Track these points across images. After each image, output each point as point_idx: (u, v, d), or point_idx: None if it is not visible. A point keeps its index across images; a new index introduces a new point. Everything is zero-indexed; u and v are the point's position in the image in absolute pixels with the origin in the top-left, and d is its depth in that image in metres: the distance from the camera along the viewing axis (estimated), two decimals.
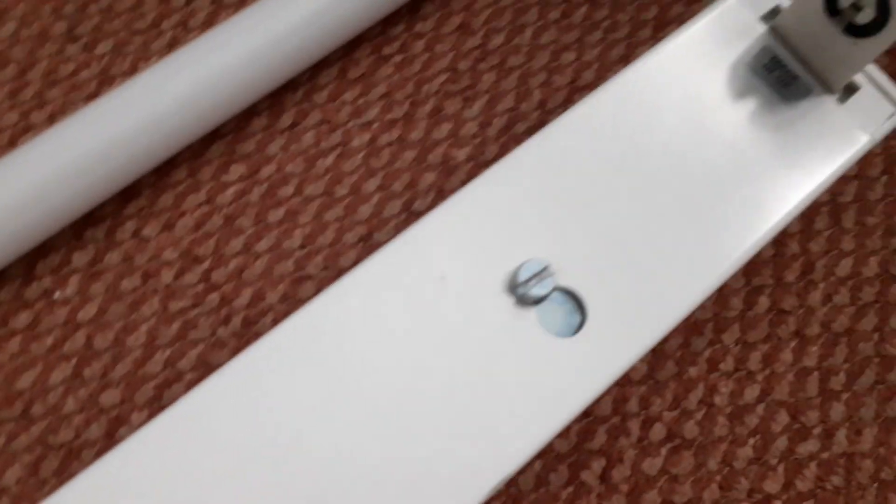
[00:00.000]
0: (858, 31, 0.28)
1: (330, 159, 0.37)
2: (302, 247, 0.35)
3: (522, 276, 0.26)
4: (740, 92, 0.30)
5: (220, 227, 0.35)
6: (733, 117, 0.30)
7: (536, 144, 0.28)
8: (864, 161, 0.39)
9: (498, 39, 0.40)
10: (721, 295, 0.36)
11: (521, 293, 0.26)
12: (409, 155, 0.37)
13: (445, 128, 0.38)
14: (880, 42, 0.28)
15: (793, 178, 0.29)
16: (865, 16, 0.28)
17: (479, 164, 0.37)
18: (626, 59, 0.40)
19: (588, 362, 0.26)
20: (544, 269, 0.26)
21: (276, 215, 0.36)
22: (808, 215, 0.38)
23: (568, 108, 0.29)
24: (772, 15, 0.31)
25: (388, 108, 0.38)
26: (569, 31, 0.41)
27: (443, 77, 0.39)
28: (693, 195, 0.28)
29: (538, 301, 0.26)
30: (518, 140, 0.35)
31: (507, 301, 0.26)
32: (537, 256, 0.26)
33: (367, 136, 0.38)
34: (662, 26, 0.41)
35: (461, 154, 0.38)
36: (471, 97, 0.39)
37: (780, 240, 0.37)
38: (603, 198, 0.28)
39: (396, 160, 0.37)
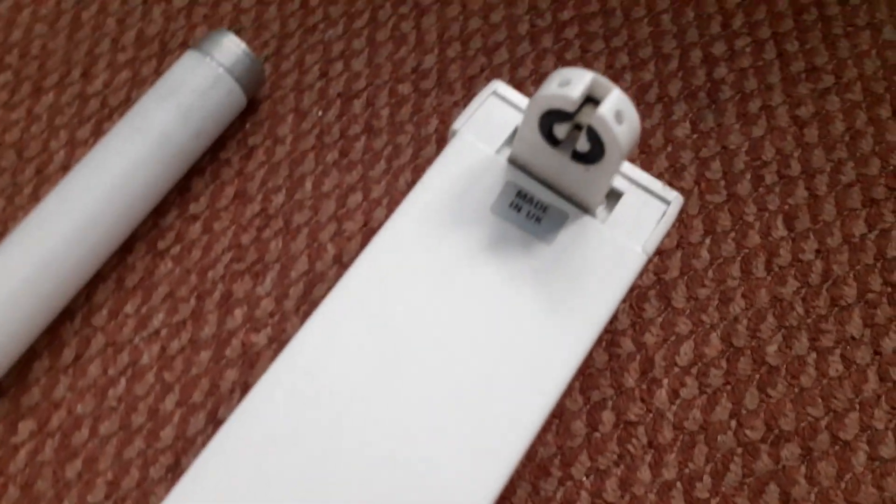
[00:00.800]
0: (585, 158, 0.26)
1: (121, 386, 0.34)
2: (107, 497, 0.32)
3: None
4: (497, 238, 0.28)
5: (18, 500, 0.32)
6: (495, 269, 0.27)
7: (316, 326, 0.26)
8: (683, 226, 0.37)
9: (278, 199, 0.38)
10: (562, 423, 0.33)
11: None
12: (205, 356, 0.35)
13: (239, 314, 0.35)
14: (608, 169, 0.26)
15: (573, 322, 0.27)
16: (582, 147, 0.25)
17: (282, 343, 0.35)
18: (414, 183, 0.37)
19: None
20: None
21: (73, 469, 0.33)
22: (636, 304, 0.35)
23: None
24: (510, 140, 0.29)
25: (174, 308, 0.35)
26: (350, 169, 0.38)
27: (227, 257, 0.36)
28: (476, 362, 0.26)
29: None
30: (317, 303, 0.32)
31: None
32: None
33: (156, 348, 0.35)
34: (445, 139, 0.38)
35: (261, 338, 0.35)
36: (260, 271, 0.36)
37: (613, 340, 0.35)
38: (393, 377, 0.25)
39: (192, 366, 0.34)
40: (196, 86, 0.36)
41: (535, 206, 0.28)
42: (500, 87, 0.30)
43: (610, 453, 0.33)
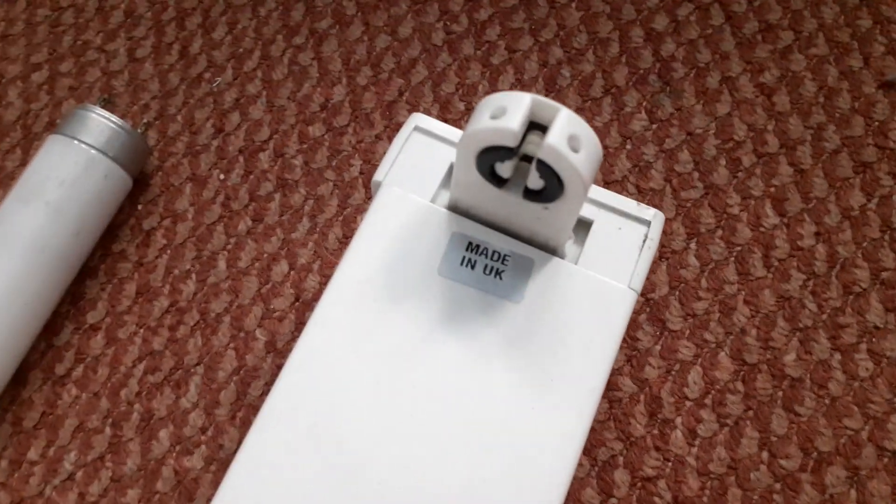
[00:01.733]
0: (541, 196, 0.21)
1: None
2: None
3: None
4: (454, 306, 0.22)
5: None
6: (459, 344, 0.22)
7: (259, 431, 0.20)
8: (662, 232, 0.32)
9: (189, 287, 0.32)
10: (569, 495, 0.28)
11: None
12: (133, 495, 0.28)
13: (164, 436, 0.29)
14: (572, 204, 0.20)
15: (566, 392, 0.21)
16: (535, 183, 0.20)
17: (222, 462, 0.29)
18: (346, 239, 0.32)
19: None
20: None
21: None
22: (628, 335, 0.30)
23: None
24: (445, 180, 0.24)
25: (87, 444, 0.29)
26: (269, 236, 0.32)
27: (139, 369, 0.30)
28: (461, 466, 0.20)
29: None
30: (257, 407, 0.26)
31: None
32: None
33: (73, 497, 0.29)
34: None
35: (196, 460, 0.29)
36: (182, 379, 0.30)
37: (609, 383, 0.30)
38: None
39: None
40: (65, 176, 0.30)
41: (493, 258, 0.23)
42: (420, 119, 0.25)
43: None
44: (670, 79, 0.35)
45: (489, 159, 0.20)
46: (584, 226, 0.24)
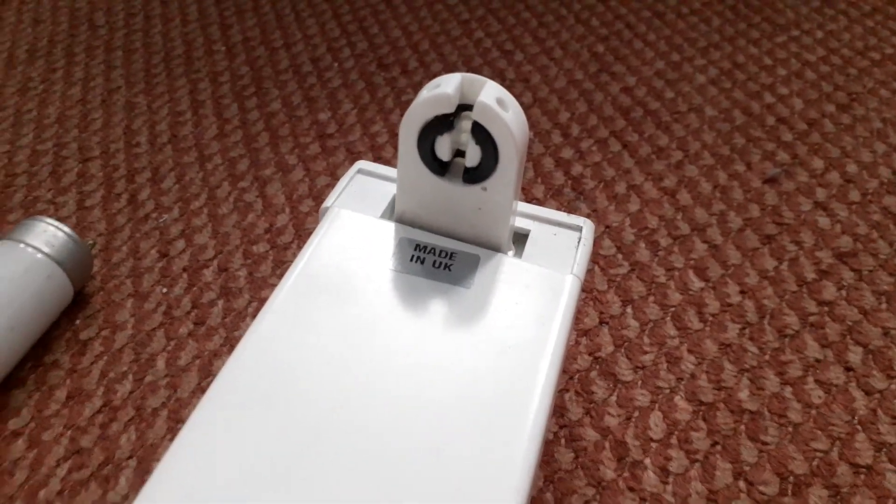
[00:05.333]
0: (477, 175, 0.23)
1: None
2: None
3: None
4: (403, 298, 0.22)
5: None
6: (414, 323, 0.22)
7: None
8: (598, 302, 0.33)
9: (124, 388, 0.30)
10: None
11: None
12: None
13: None
14: (507, 174, 0.22)
15: (520, 366, 0.21)
16: (472, 158, 0.22)
17: None
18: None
19: None
20: None
21: None
22: (583, 390, 0.30)
23: None
24: (391, 208, 0.25)
25: None
26: (210, 336, 0.32)
27: (63, 469, 0.28)
28: (412, 462, 0.19)
29: None
30: None
31: None
32: None
33: None
34: None
35: None
36: (110, 474, 0.27)
37: (571, 434, 0.28)
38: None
39: None
40: (8, 272, 0.30)
41: (440, 255, 0.24)
42: (363, 164, 0.27)
43: None
44: (582, 190, 0.39)
45: (429, 140, 0.22)
46: (521, 238, 0.25)
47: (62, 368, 0.31)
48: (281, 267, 0.35)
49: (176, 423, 0.29)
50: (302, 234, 0.36)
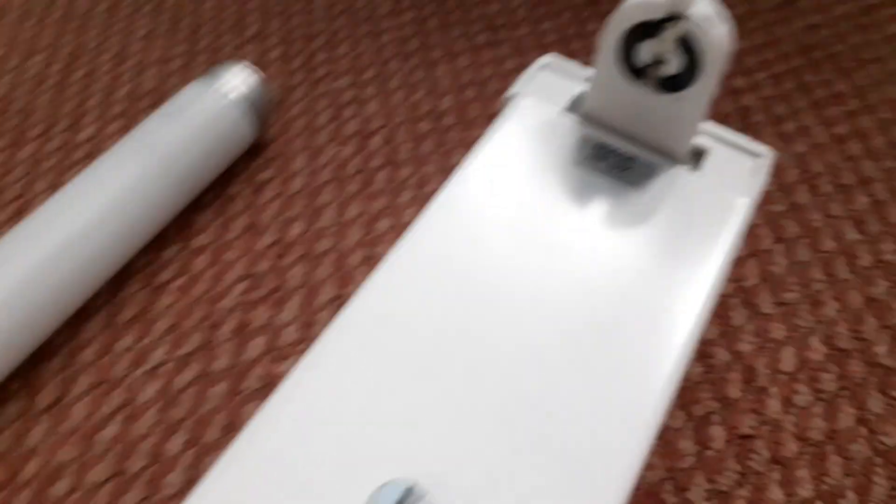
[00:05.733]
0: (673, 85, 0.23)
1: (114, 427, 0.27)
2: None
3: None
4: (579, 192, 0.24)
5: None
6: (587, 217, 0.23)
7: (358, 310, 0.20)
8: (752, 235, 0.33)
9: (295, 229, 0.33)
10: (666, 443, 0.27)
11: None
12: (220, 389, 0.28)
13: (259, 342, 0.29)
14: (706, 87, 0.23)
15: (686, 273, 0.22)
16: (672, 66, 0.23)
17: None
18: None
19: None
20: (408, 491, 0.17)
21: None
22: (721, 314, 0.31)
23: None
24: (576, 104, 0.26)
25: (179, 341, 0.29)
26: (376, 198, 0.34)
27: (240, 287, 0.31)
28: (575, 340, 0.21)
29: None
30: None
31: None
32: (398, 475, 0.17)
33: (158, 384, 0.28)
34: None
35: (284, 368, 0.29)
36: (281, 299, 0.31)
37: (704, 351, 0.30)
38: (462, 367, 0.20)
39: (203, 401, 0.27)
40: (205, 107, 0.33)
41: (621, 158, 0.24)
42: (550, 58, 0.28)
43: (730, 472, 0.26)
44: (749, 122, 0.38)
45: (630, 43, 0.23)
46: (700, 154, 0.26)
47: (242, 201, 0.34)
48: (443, 147, 0.36)
49: (339, 269, 0.32)
50: (463, 120, 0.38)
